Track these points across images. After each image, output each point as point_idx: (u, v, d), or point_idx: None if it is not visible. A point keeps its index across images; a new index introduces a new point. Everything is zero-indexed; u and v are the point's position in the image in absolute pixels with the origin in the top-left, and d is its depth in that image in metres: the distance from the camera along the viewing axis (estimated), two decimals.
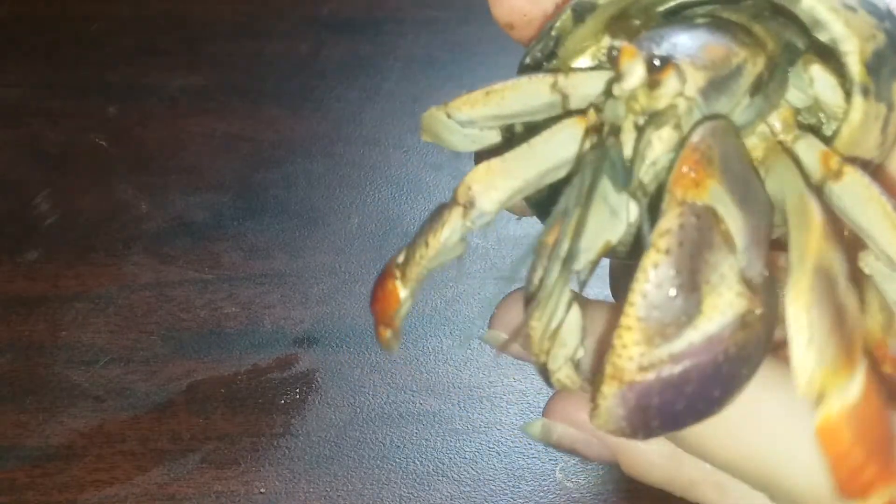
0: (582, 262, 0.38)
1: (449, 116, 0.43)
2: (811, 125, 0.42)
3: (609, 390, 0.35)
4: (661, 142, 0.38)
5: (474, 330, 0.78)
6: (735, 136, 0.38)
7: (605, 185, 0.38)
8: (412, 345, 0.77)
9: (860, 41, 0.39)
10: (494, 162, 0.40)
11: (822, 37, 0.40)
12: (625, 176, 0.37)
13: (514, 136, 0.44)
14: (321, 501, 0.68)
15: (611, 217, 0.39)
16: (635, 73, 0.37)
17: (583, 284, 0.39)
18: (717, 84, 0.38)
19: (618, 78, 0.37)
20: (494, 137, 0.44)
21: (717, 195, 0.35)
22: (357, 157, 0.92)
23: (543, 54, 0.44)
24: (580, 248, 0.37)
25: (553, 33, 0.44)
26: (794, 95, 0.41)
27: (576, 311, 0.39)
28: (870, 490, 0.33)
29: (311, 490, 0.68)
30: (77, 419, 0.72)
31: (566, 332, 0.39)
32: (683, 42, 0.39)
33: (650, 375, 0.34)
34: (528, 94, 0.42)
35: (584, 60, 0.45)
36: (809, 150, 0.40)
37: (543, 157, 0.40)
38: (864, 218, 0.38)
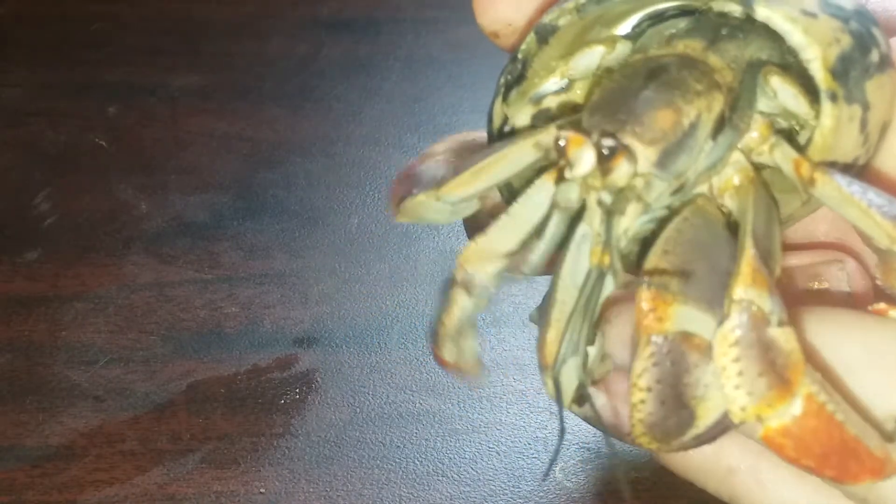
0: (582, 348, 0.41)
1: (438, 200, 0.44)
2: (791, 128, 0.42)
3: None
4: (627, 218, 0.39)
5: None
6: (692, 217, 0.39)
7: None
8: (412, 345, 0.77)
9: (822, 48, 0.39)
10: (480, 240, 0.42)
11: (786, 44, 0.40)
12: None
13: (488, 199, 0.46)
14: (321, 501, 0.68)
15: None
16: (585, 161, 0.37)
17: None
18: (672, 151, 0.38)
19: (568, 165, 0.37)
20: (474, 207, 0.46)
21: (682, 317, 0.36)
22: (357, 157, 0.92)
23: (513, 77, 0.45)
24: (576, 342, 0.39)
25: (519, 56, 0.44)
26: (765, 104, 0.41)
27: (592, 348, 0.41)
28: (845, 480, 0.35)
29: (311, 490, 0.68)
30: (77, 419, 0.72)
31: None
32: (631, 112, 0.39)
33: (675, 450, 0.38)
34: (514, 161, 0.43)
35: (553, 81, 0.45)
36: (785, 160, 0.40)
37: (524, 221, 0.42)
38: (848, 215, 0.38)
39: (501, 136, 0.46)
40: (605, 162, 0.37)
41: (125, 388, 0.74)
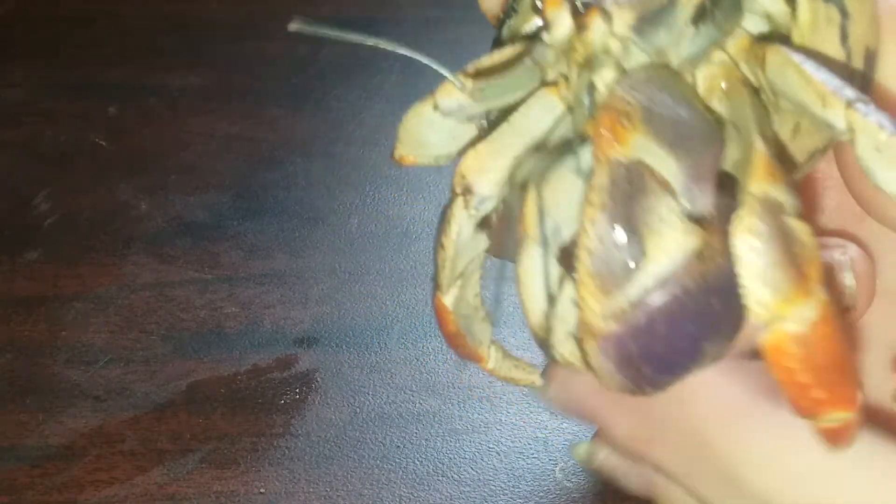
0: (565, 235, 0.39)
1: (436, 108, 0.43)
2: (770, 33, 0.41)
3: (590, 348, 0.35)
4: (605, 85, 0.38)
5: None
6: (667, 76, 0.38)
7: (570, 157, 0.38)
8: (412, 345, 0.77)
9: None
10: (480, 146, 0.41)
11: None
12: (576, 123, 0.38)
13: (490, 125, 0.45)
14: (321, 501, 0.68)
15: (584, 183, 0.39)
16: (562, 22, 0.37)
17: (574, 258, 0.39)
18: (649, 18, 0.38)
19: (546, 27, 0.37)
20: (472, 132, 0.44)
21: (641, 146, 0.35)
22: (357, 157, 0.92)
23: (505, 15, 0.44)
24: (557, 221, 0.37)
25: None
26: (752, 22, 0.41)
27: (571, 287, 0.39)
28: (822, 410, 0.34)
29: (311, 490, 0.68)
30: (77, 419, 0.72)
31: (564, 309, 0.39)
32: None
33: (617, 325, 0.35)
34: (505, 59, 0.42)
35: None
36: (750, 56, 0.39)
37: (526, 130, 0.40)
38: (792, 91, 0.38)
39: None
40: (579, 18, 0.37)
41: (125, 388, 0.74)
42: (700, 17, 0.39)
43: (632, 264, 0.35)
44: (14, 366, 0.76)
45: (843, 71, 0.40)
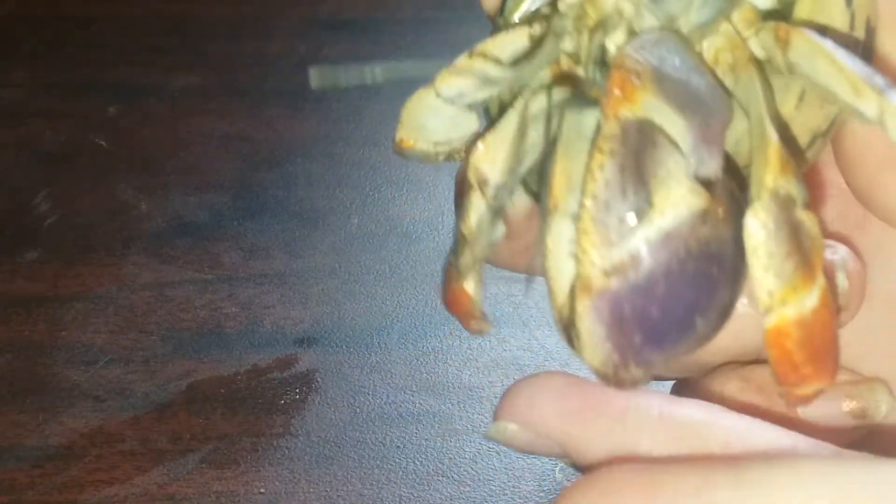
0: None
1: (438, 95, 0.43)
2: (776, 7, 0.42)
3: (582, 306, 0.34)
4: (616, 47, 0.37)
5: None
6: (672, 40, 0.38)
7: (581, 127, 0.38)
8: (412, 345, 0.77)
9: None
10: (488, 136, 0.40)
11: None
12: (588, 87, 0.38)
13: (491, 116, 0.45)
14: (321, 501, 0.68)
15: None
16: None
17: None
18: None
19: None
20: (474, 121, 0.44)
21: (651, 106, 0.35)
22: (357, 157, 0.92)
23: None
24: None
25: None
26: None
27: None
28: (804, 382, 0.35)
29: (311, 490, 0.68)
30: (77, 419, 0.72)
31: None
32: None
33: (615, 280, 0.34)
34: (508, 44, 0.42)
35: None
36: (768, 35, 0.39)
37: (531, 116, 0.40)
38: (819, 73, 0.37)
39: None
40: None
41: (125, 388, 0.74)
42: None
43: (637, 215, 0.34)
44: (14, 366, 0.76)
45: (848, 40, 0.40)
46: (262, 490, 0.68)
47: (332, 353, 0.77)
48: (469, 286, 0.43)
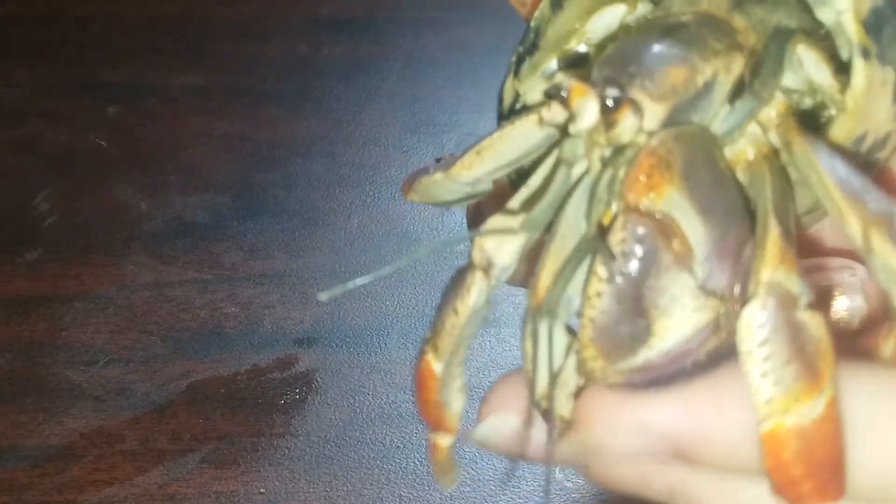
0: (576, 305, 0.37)
1: (451, 181, 0.42)
2: (815, 106, 0.40)
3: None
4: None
5: None
6: (706, 141, 0.36)
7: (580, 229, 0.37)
8: (412, 345, 0.77)
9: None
10: (497, 218, 0.39)
11: (817, 9, 0.38)
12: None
13: (510, 179, 0.44)
14: (321, 501, 0.68)
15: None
16: (588, 112, 0.35)
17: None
18: (682, 110, 0.36)
19: (571, 118, 0.35)
20: (487, 186, 0.44)
21: (675, 201, 0.33)
22: (357, 157, 0.92)
23: (525, 48, 0.42)
24: (569, 296, 0.36)
25: (532, 24, 0.42)
26: (791, 79, 0.39)
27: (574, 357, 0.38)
28: (803, 499, 0.33)
29: (311, 490, 0.68)
30: (77, 419, 0.72)
31: (567, 374, 0.38)
32: (641, 65, 0.36)
33: (620, 381, 0.34)
34: (518, 140, 0.40)
35: (571, 45, 0.42)
36: (781, 133, 0.38)
37: (545, 202, 0.39)
38: (812, 186, 0.36)
39: (512, 114, 0.43)
40: (608, 114, 0.34)
41: (125, 388, 0.74)
42: (737, 93, 0.38)
43: (636, 341, 0.34)
44: (14, 366, 0.76)
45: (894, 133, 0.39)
46: (262, 490, 0.68)
47: (332, 353, 0.77)
48: (437, 366, 0.42)
